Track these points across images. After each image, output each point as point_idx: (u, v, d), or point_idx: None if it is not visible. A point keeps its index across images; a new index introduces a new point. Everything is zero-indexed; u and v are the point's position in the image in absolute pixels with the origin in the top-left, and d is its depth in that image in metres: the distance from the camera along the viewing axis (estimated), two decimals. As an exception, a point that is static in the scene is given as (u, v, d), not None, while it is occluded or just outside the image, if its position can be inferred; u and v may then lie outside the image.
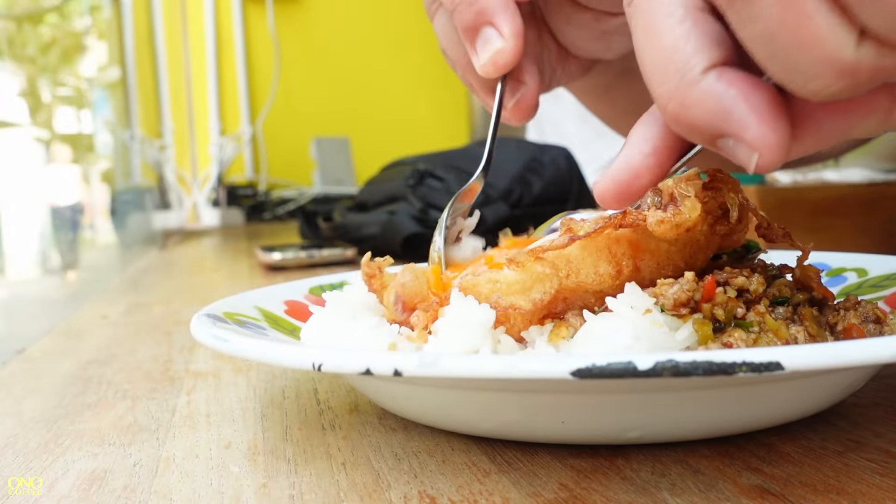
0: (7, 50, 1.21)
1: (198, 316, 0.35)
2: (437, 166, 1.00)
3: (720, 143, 0.24)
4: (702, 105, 0.23)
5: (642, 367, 0.22)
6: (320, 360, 0.26)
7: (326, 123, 2.34)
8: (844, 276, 0.44)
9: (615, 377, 0.22)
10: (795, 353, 0.22)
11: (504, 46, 0.36)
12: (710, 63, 0.23)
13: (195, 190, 2.21)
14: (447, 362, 0.24)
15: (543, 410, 0.28)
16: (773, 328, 0.29)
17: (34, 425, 0.37)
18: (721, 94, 0.23)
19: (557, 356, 0.24)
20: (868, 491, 0.25)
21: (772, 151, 0.23)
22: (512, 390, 0.28)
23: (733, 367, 0.22)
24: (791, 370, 0.22)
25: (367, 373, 0.25)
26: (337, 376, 0.42)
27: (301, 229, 1.36)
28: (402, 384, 0.30)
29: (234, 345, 0.30)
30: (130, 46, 2.08)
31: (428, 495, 0.26)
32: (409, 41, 2.46)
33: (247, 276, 0.95)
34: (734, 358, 0.22)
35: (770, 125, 0.23)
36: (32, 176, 1.22)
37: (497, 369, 0.23)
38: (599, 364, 0.22)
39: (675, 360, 0.22)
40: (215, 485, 0.28)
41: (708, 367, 0.22)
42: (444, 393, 0.30)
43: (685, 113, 0.24)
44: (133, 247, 1.58)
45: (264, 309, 0.41)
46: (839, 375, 0.29)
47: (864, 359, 0.23)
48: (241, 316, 0.38)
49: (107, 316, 0.69)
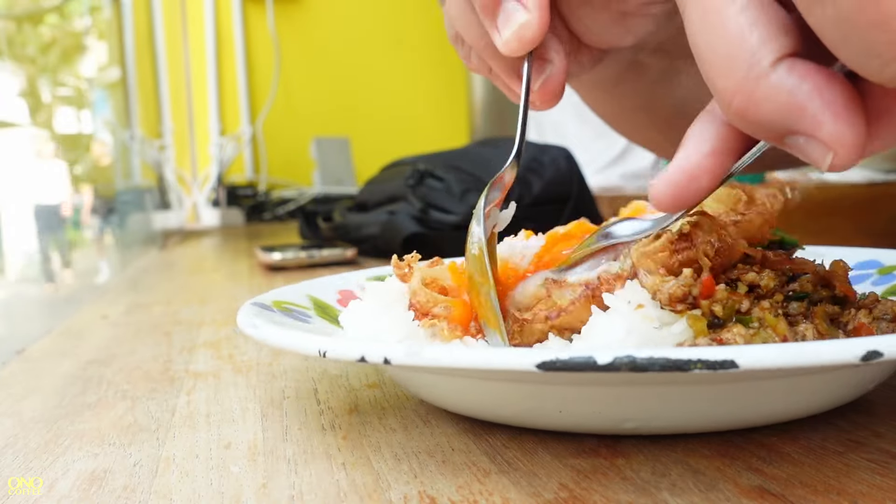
0: (7, 50, 1.21)
1: (247, 304, 0.38)
2: (437, 166, 1.00)
3: (790, 140, 0.23)
4: (772, 101, 0.22)
5: (601, 362, 0.23)
6: (325, 347, 0.29)
7: (326, 123, 2.34)
8: (894, 275, 0.43)
9: (577, 370, 0.24)
10: (750, 353, 0.23)
11: (529, 19, 0.33)
12: (779, 54, 0.22)
13: (195, 190, 2.21)
14: (429, 353, 0.26)
15: (543, 399, 0.30)
16: (772, 324, 0.29)
17: (34, 425, 0.37)
18: (793, 88, 0.21)
19: (527, 350, 0.25)
20: (868, 491, 0.25)
21: (848, 150, 0.22)
22: (516, 381, 0.29)
23: (688, 364, 0.23)
24: (745, 369, 0.23)
25: (362, 360, 0.27)
26: (340, 376, 0.42)
27: (301, 229, 1.36)
28: (429, 374, 0.32)
29: (262, 331, 0.33)
30: (130, 46, 2.08)
31: (428, 495, 0.26)
32: (409, 41, 2.46)
33: (247, 277, 0.95)
34: (689, 355, 0.23)
35: (847, 122, 0.21)
36: (32, 176, 1.22)
37: (471, 360, 0.25)
38: (562, 358, 0.24)
39: (633, 355, 0.23)
40: (215, 485, 0.28)
41: (665, 364, 0.23)
42: (457, 381, 0.32)
43: (753, 109, 0.22)
44: (133, 247, 1.58)
45: (316, 297, 0.44)
46: (838, 374, 0.29)
47: (820, 360, 0.23)
48: (290, 304, 0.41)
49: (107, 316, 0.69)
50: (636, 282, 0.30)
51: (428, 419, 0.34)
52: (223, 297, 0.79)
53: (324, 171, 2.16)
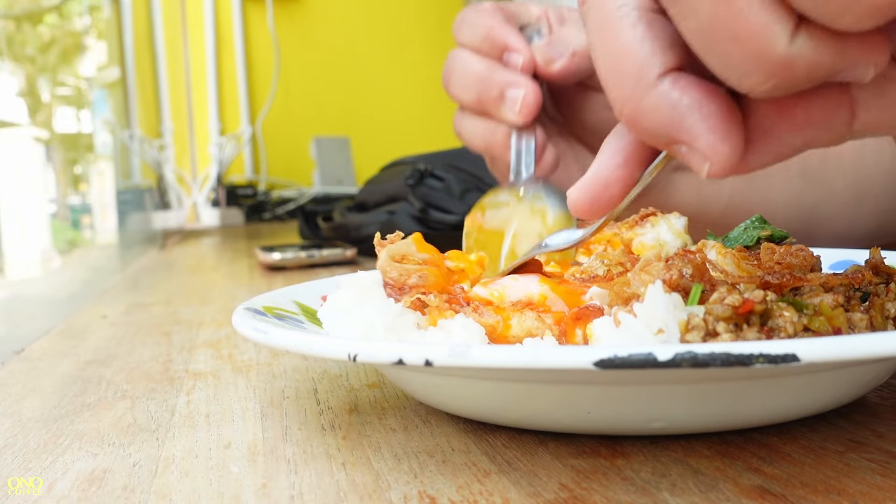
0: (6, 50, 1.21)
1: (239, 309, 0.37)
2: (437, 166, 1.00)
3: (675, 148, 0.24)
4: (656, 112, 0.24)
5: (662, 358, 0.23)
6: (355, 350, 0.27)
7: (326, 123, 2.34)
8: None
9: (636, 367, 0.23)
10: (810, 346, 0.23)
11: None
12: (665, 68, 0.23)
13: (195, 190, 2.21)
14: (476, 353, 0.25)
15: (570, 401, 0.29)
16: (827, 314, 0.28)
17: (34, 425, 0.37)
18: (675, 101, 0.23)
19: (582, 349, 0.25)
20: (869, 491, 0.25)
21: (721, 161, 0.23)
22: (541, 381, 0.29)
23: (750, 359, 0.23)
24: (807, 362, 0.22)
25: (400, 363, 0.26)
26: (340, 376, 0.42)
27: (301, 229, 1.36)
28: (433, 375, 0.31)
29: (273, 336, 0.31)
30: (130, 46, 2.08)
31: (428, 495, 0.26)
32: (409, 41, 2.46)
33: (246, 276, 0.95)
34: (751, 349, 0.23)
35: (720, 136, 0.23)
36: (32, 176, 1.22)
37: (524, 360, 0.24)
38: (621, 355, 0.23)
39: (694, 351, 0.23)
40: (215, 485, 0.28)
41: (726, 359, 0.23)
42: (473, 384, 0.31)
43: (640, 118, 0.24)
44: (133, 247, 1.58)
45: (302, 303, 0.42)
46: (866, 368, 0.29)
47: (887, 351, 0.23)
48: (280, 310, 0.39)
49: (106, 316, 0.69)
50: (657, 303, 0.28)
51: (428, 419, 0.34)
52: (223, 296, 0.79)
53: (324, 171, 2.16)
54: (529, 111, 0.45)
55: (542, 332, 0.32)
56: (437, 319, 0.33)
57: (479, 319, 0.32)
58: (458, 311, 0.33)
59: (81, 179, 1.63)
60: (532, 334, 0.32)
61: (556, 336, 0.32)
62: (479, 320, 0.32)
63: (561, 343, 0.32)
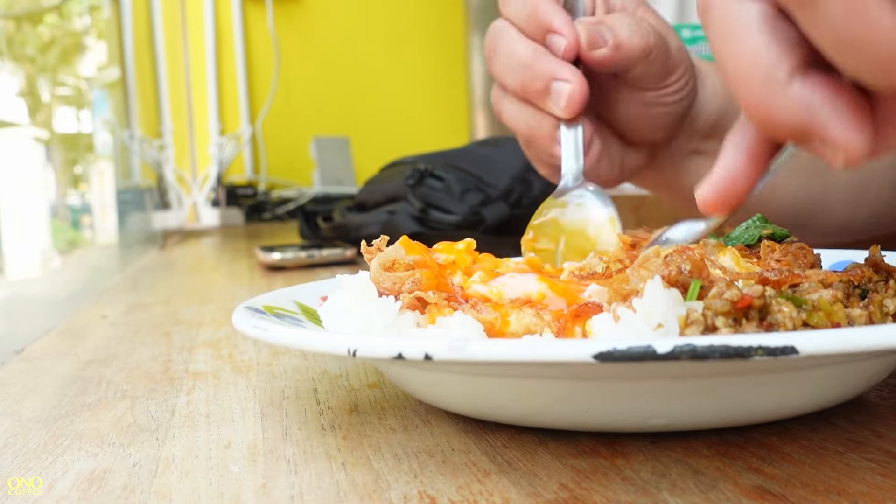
0: (6, 50, 1.21)
1: (239, 308, 0.37)
2: (437, 166, 1.00)
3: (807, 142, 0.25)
4: (789, 110, 0.25)
5: (661, 351, 0.23)
6: (355, 345, 0.27)
7: (326, 123, 2.34)
8: None
9: (636, 360, 0.23)
10: (809, 338, 0.23)
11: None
12: (793, 68, 0.25)
13: (195, 190, 2.21)
14: (475, 347, 0.25)
15: (569, 397, 0.29)
16: (826, 310, 0.28)
17: (34, 425, 0.37)
18: (807, 98, 0.24)
19: (580, 341, 0.25)
20: (869, 491, 0.25)
21: (856, 150, 0.25)
22: (539, 377, 0.29)
23: (749, 351, 0.23)
24: (806, 355, 0.22)
25: (400, 357, 0.26)
26: (340, 376, 0.42)
27: (301, 229, 1.36)
28: (433, 371, 0.31)
29: (273, 333, 0.31)
30: (130, 46, 2.08)
31: (428, 495, 0.26)
32: (409, 41, 2.46)
33: (246, 276, 0.95)
34: (750, 342, 0.23)
35: (854, 127, 0.24)
36: (32, 176, 1.22)
37: (523, 353, 0.24)
38: (620, 348, 0.23)
39: (693, 344, 0.23)
40: (215, 485, 0.28)
41: (725, 351, 0.23)
42: (472, 380, 0.31)
43: (773, 117, 0.25)
44: (133, 247, 1.58)
45: (302, 303, 0.42)
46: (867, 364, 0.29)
47: (878, 345, 0.23)
48: (280, 310, 0.39)
49: (106, 316, 0.69)
50: (656, 298, 0.28)
51: (428, 419, 0.34)
52: (223, 296, 0.79)
53: (323, 170, 2.16)
54: (577, 106, 0.44)
55: (541, 329, 0.31)
56: (436, 317, 0.33)
57: (478, 316, 0.32)
58: (457, 308, 0.33)
59: (81, 179, 1.64)
60: (531, 331, 0.32)
61: (555, 333, 0.31)
62: (478, 317, 0.32)
63: None
